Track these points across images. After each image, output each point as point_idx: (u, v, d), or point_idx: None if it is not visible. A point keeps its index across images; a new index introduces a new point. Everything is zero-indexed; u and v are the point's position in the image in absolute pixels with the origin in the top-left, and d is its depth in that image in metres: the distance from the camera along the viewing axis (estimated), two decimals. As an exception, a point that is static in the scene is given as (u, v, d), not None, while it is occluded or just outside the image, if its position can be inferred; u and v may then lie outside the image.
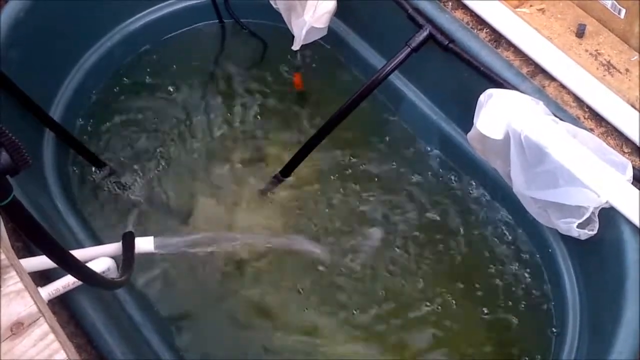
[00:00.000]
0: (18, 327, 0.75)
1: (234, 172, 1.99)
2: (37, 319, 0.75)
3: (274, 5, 1.98)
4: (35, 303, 0.76)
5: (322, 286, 1.81)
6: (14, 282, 0.78)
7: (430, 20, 1.68)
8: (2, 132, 0.78)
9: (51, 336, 0.75)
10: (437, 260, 1.83)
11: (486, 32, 1.66)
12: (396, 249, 1.85)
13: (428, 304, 1.77)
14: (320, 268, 1.82)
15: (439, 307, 1.76)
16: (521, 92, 1.53)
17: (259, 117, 2.09)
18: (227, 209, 1.93)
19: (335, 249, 1.86)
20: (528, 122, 1.43)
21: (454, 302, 1.77)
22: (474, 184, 1.91)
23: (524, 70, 1.59)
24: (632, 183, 1.39)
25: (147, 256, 1.69)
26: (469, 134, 1.58)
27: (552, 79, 1.58)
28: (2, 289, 0.77)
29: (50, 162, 1.84)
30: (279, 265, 1.84)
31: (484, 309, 1.75)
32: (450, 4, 1.71)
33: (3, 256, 0.80)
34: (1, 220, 0.99)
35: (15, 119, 1.70)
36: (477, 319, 1.75)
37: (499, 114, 1.47)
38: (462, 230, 1.87)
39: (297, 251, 1.86)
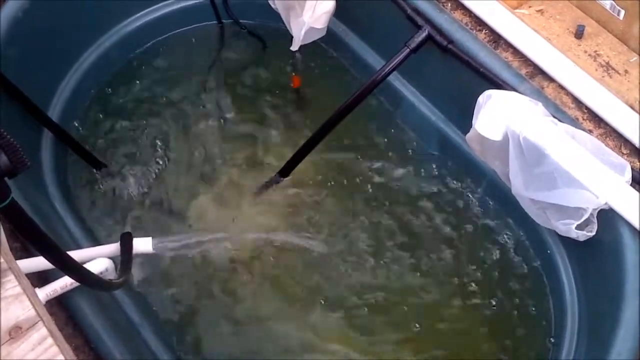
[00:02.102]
0: (17, 331, 0.74)
1: (232, 172, 1.99)
2: (36, 323, 0.75)
3: (273, 6, 1.98)
4: (34, 307, 0.76)
5: (323, 285, 1.80)
6: (12, 285, 0.77)
7: (429, 21, 1.68)
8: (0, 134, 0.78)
9: (49, 340, 0.74)
10: (434, 261, 1.83)
11: (485, 33, 1.66)
12: (393, 248, 1.85)
13: (423, 304, 1.77)
14: (322, 268, 1.82)
15: (435, 308, 1.76)
16: (520, 93, 1.53)
17: (257, 117, 2.08)
18: (225, 209, 1.93)
19: (333, 247, 1.86)
20: (527, 123, 1.43)
21: (450, 302, 1.77)
22: (472, 185, 1.90)
23: (523, 71, 1.59)
24: (631, 184, 1.39)
25: (146, 257, 1.69)
26: (468, 135, 1.58)
27: (551, 80, 1.58)
28: (1, 292, 0.77)
29: (48, 162, 1.84)
30: (278, 264, 1.84)
31: (481, 309, 1.75)
32: (449, 4, 1.71)
33: (1, 260, 0.79)
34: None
35: (14, 119, 1.70)
36: (475, 319, 1.75)
37: (498, 115, 1.47)
38: (459, 231, 1.87)
39: (293, 246, 1.86)
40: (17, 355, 0.73)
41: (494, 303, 1.76)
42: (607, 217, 1.41)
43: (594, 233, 1.44)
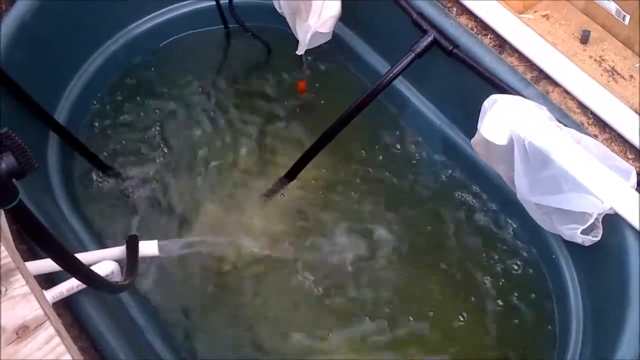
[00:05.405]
0: (24, 331, 0.75)
1: (238, 175, 1.99)
2: (43, 323, 0.75)
3: (279, 10, 1.98)
4: (41, 306, 0.76)
5: (328, 289, 1.81)
6: (20, 285, 0.78)
7: (434, 26, 1.68)
8: (8, 135, 0.78)
9: (57, 339, 0.75)
10: (439, 265, 1.83)
11: (490, 38, 1.67)
12: (399, 254, 1.85)
13: (427, 309, 1.77)
14: (327, 271, 1.83)
15: (440, 312, 1.77)
16: (525, 97, 1.53)
17: (263, 121, 2.09)
18: (231, 212, 1.93)
19: (338, 251, 1.86)
20: (532, 128, 1.43)
21: (454, 306, 1.77)
22: (477, 189, 1.91)
23: (528, 76, 1.60)
24: (636, 189, 1.39)
25: (151, 260, 1.70)
26: (473, 139, 1.59)
27: (556, 84, 1.58)
28: (8, 292, 0.77)
29: (54, 164, 1.84)
30: (281, 268, 1.84)
31: (486, 314, 1.75)
32: (454, 9, 1.71)
33: (9, 259, 0.80)
34: (6, 223, 0.99)
35: (20, 122, 1.71)
36: (480, 324, 1.75)
37: (503, 120, 1.47)
38: (464, 236, 1.87)
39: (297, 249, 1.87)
40: (24, 354, 0.74)
41: (498, 307, 1.76)
42: (613, 222, 1.41)
43: (599, 238, 1.44)
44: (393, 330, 1.75)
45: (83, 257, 1.46)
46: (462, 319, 1.76)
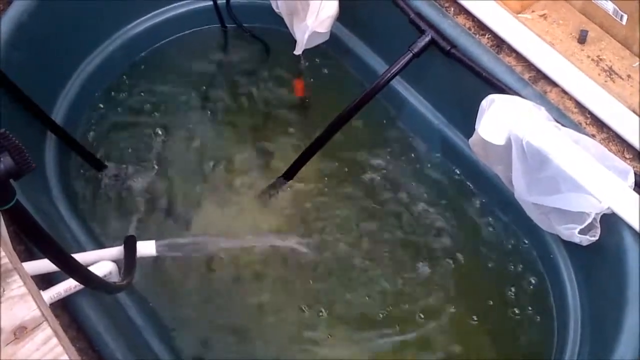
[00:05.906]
0: (21, 331, 0.75)
1: (236, 175, 1.99)
2: (41, 323, 0.75)
3: (276, 10, 1.98)
4: (39, 307, 0.76)
5: (323, 289, 1.80)
6: (17, 286, 0.78)
7: (432, 26, 1.68)
8: (5, 135, 0.78)
9: (54, 340, 0.75)
10: (437, 266, 1.83)
11: (488, 38, 1.67)
12: (396, 254, 1.85)
13: (424, 307, 1.77)
14: (325, 269, 1.83)
15: (437, 312, 1.76)
16: (523, 97, 1.53)
17: (260, 121, 2.09)
18: (228, 212, 1.93)
19: (337, 251, 1.86)
20: (530, 127, 1.43)
21: (453, 308, 1.77)
22: (475, 189, 1.91)
23: (526, 75, 1.60)
24: (634, 189, 1.40)
25: (149, 260, 1.70)
26: (471, 139, 1.59)
27: (554, 84, 1.58)
28: (6, 292, 0.77)
29: (52, 165, 1.84)
30: (280, 268, 1.84)
31: (484, 315, 1.75)
32: (452, 9, 1.71)
33: (6, 260, 0.80)
34: (3, 223, 0.99)
35: (18, 121, 1.70)
36: (478, 325, 1.75)
37: (501, 120, 1.47)
38: (462, 235, 1.87)
39: (295, 249, 1.86)
40: (22, 355, 0.74)
41: (495, 308, 1.76)
42: (610, 221, 1.41)
43: (597, 238, 1.44)
44: (391, 323, 1.75)
45: (80, 257, 1.45)
46: (458, 316, 1.75)
